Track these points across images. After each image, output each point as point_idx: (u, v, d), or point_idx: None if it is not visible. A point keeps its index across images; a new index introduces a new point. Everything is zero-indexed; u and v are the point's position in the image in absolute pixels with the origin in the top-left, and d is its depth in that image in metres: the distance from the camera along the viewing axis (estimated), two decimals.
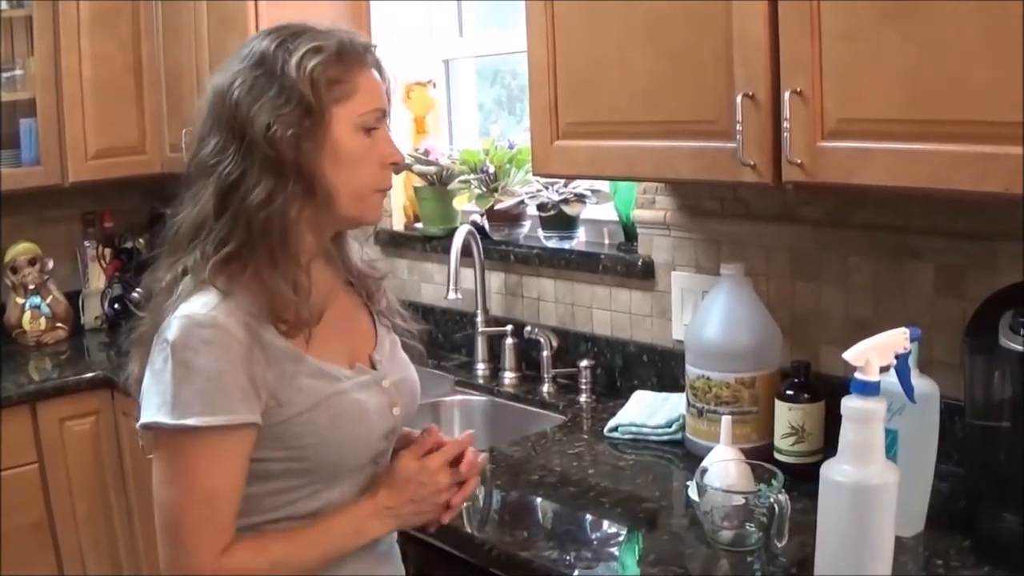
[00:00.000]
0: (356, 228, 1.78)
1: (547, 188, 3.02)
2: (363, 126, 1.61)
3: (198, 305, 1.52)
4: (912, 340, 1.66)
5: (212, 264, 1.55)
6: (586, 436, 2.56)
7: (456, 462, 1.71)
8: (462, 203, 3.25)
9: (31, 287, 4.02)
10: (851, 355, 1.60)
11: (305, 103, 1.53)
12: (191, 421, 1.48)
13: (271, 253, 1.56)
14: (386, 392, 1.72)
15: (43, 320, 4.04)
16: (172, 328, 1.51)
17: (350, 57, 1.60)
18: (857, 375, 1.59)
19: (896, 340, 1.64)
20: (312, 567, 1.61)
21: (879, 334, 1.64)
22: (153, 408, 1.51)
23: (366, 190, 1.64)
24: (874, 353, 1.60)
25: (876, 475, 1.59)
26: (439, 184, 3.33)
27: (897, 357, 1.64)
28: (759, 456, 2.09)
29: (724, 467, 1.95)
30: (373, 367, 1.74)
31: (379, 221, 1.73)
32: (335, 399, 1.62)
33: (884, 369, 1.61)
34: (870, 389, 1.58)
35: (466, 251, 3.05)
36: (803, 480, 1.97)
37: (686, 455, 2.36)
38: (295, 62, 1.54)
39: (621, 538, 2.05)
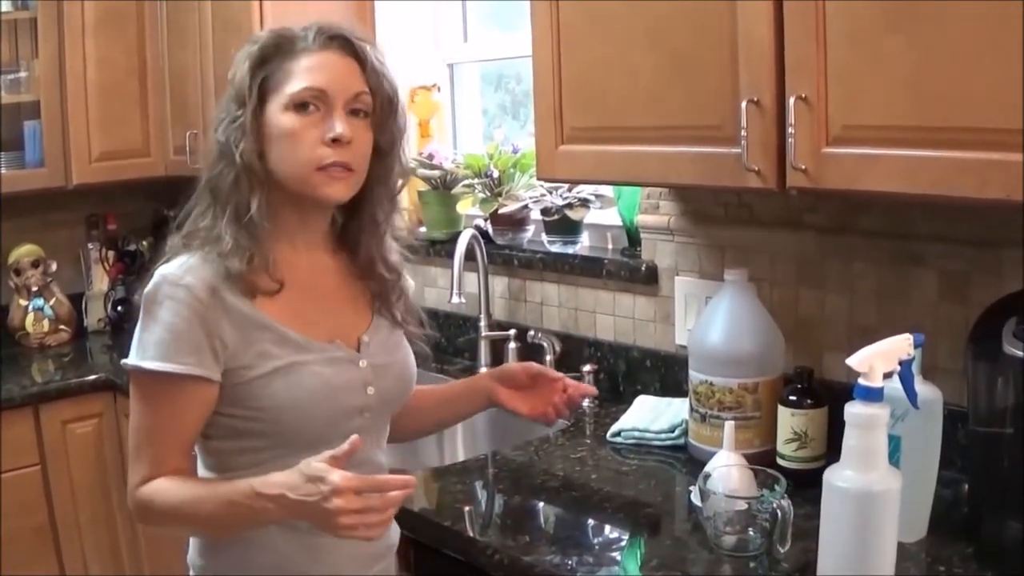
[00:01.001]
0: (317, 206, 1.80)
1: (551, 193, 3.02)
2: (293, 103, 1.70)
3: (174, 266, 1.70)
4: (916, 346, 1.66)
5: (188, 232, 1.75)
6: (589, 441, 2.56)
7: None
8: (466, 207, 3.25)
9: (34, 289, 4.03)
10: (855, 361, 1.60)
11: (239, 95, 1.72)
12: (146, 364, 1.66)
13: (236, 226, 1.70)
14: (360, 371, 1.81)
15: (46, 322, 4.05)
16: (148, 283, 1.69)
17: (287, 47, 1.74)
18: (861, 381, 1.59)
19: (900, 346, 1.64)
20: (203, 530, 1.77)
21: (883, 340, 1.64)
22: (130, 350, 1.70)
23: (304, 168, 1.71)
24: (878, 359, 1.60)
25: (879, 481, 1.58)
26: (443, 188, 3.34)
27: (901, 363, 1.64)
28: (762, 462, 2.08)
29: (727, 472, 1.95)
30: (358, 349, 1.82)
31: (337, 198, 1.76)
32: (296, 367, 1.72)
33: (888, 375, 1.61)
34: (874, 395, 1.57)
35: (470, 255, 3.05)
36: (806, 486, 1.96)
37: (689, 460, 2.36)
38: (235, 64, 1.75)
39: (623, 543, 2.04)
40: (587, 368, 2.85)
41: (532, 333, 3.01)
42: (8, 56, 3.88)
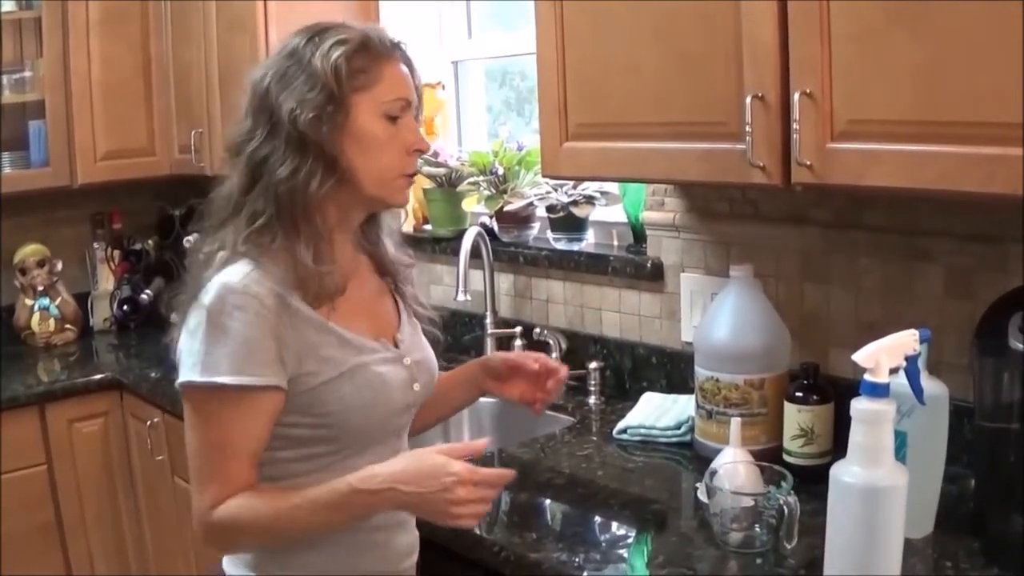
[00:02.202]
0: (384, 210, 1.88)
1: (556, 190, 3.01)
2: (386, 113, 1.73)
3: (233, 274, 1.64)
4: (921, 341, 1.66)
5: (244, 236, 1.68)
6: (595, 438, 2.56)
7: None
8: (471, 205, 3.25)
9: (40, 288, 4.03)
10: (861, 356, 1.60)
11: (328, 90, 1.66)
12: (219, 379, 1.61)
13: (295, 224, 1.68)
14: (407, 369, 1.84)
15: (52, 321, 4.05)
16: (209, 294, 1.63)
17: (375, 49, 1.73)
18: (867, 376, 1.59)
19: (906, 342, 1.63)
20: (308, 532, 1.69)
21: (889, 336, 1.64)
22: (187, 367, 1.64)
23: (389, 174, 1.75)
24: (884, 354, 1.59)
25: (885, 477, 1.58)
26: (448, 186, 3.33)
27: (907, 359, 1.64)
28: (768, 458, 2.08)
29: (733, 469, 1.95)
30: (396, 345, 1.85)
31: (404, 204, 1.85)
32: (359, 370, 1.73)
33: (894, 371, 1.61)
34: (879, 391, 1.57)
35: (475, 253, 3.05)
36: (812, 482, 1.96)
37: (695, 457, 2.36)
38: (321, 53, 1.67)
39: (630, 540, 2.04)
40: (593, 365, 2.85)
41: (538, 330, 3.01)
42: (12, 55, 3.88)
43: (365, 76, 1.70)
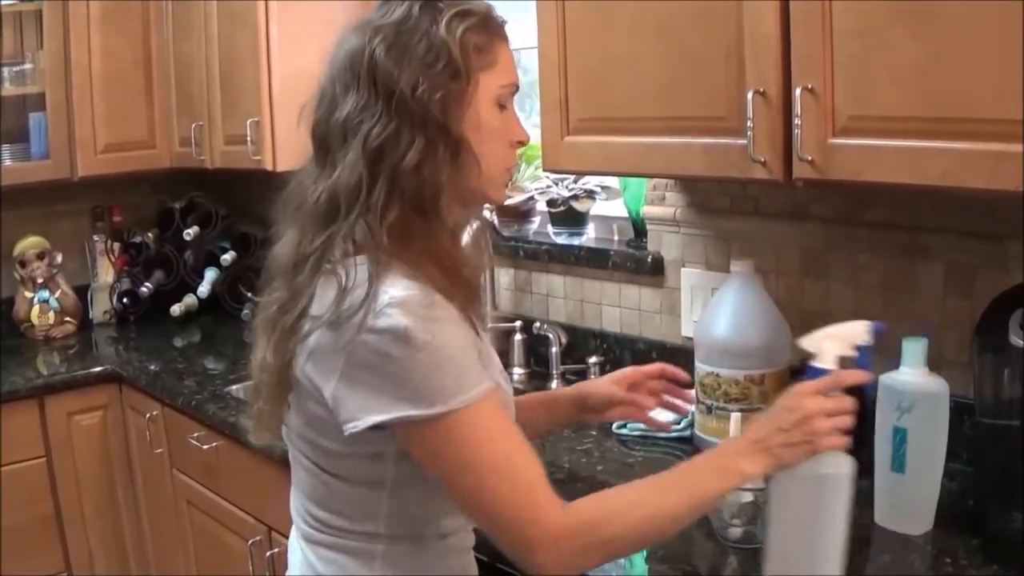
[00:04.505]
0: (480, 207, 1.71)
1: (557, 184, 3.02)
2: (499, 101, 1.55)
3: (400, 288, 1.41)
4: (875, 335, 1.60)
5: (388, 240, 1.43)
6: (595, 433, 2.55)
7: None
8: None
9: (39, 281, 4.03)
10: (806, 341, 1.59)
11: (454, 65, 1.46)
12: (476, 392, 1.41)
13: (428, 222, 1.47)
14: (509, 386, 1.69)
15: (51, 314, 4.05)
16: (391, 317, 1.38)
17: (493, 26, 1.55)
18: (812, 363, 1.58)
19: (855, 331, 1.60)
20: (675, 510, 1.49)
21: (837, 324, 1.62)
22: (396, 402, 1.40)
23: (496, 168, 1.56)
24: (829, 341, 1.58)
25: (829, 464, 1.52)
26: None
27: (859, 349, 1.61)
28: None
29: None
30: None
31: (504, 203, 1.68)
32: (499, 386, 1.55)
33: (847, 361, 1.58)
34: (823, 376, 1.56)
35: None
36: None
37: (695, 452, 2.35)
38: (445, 23, 1.46)
39: None
40: (593, 360, 2.85)
41: (538, 324, 3.01)
42: (13, 48, 3.88)
43: (486, 56, 1.51)
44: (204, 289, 4.14)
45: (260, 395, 1.58)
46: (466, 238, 1.69)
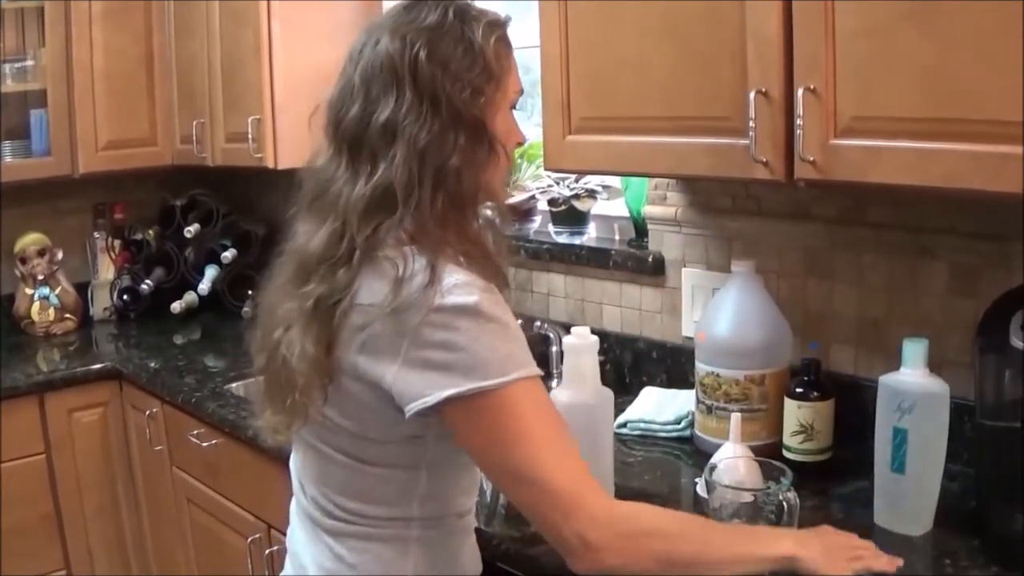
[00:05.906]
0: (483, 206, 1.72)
1: (558, 183, 3.01)
2: (511, 105, 1.66)
3: (460, 273, 1.50)
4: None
5: (436, 232, 1.52)
6: None
7: None
8: None
9: (40, 278, 4.03)
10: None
11: (490, 70, 1.57)
12: (531, 369, 1.51)
13: (465, 217, 1.58)
14: None
15: (52, 311, 4.05)
16: (459, 295, 1.46)
17: (507, 36, 1.65)
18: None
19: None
20: (716, 553, 1.52)
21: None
22: (465, 375, 1.47)
23: (506, 170, 1.67)
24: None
25: (591, 396, 1.91)
26: None
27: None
28: (768, 454, 2.08)
29: (733, 464, 1.94)
30: None
31: (506, 201, 1.78)
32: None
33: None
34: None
35: None
36: (812, 478, 1.96)
37: (695, 452, 2.36)
38: (481, 30, 1.57)
39: None
40: None
41: (538, 324, 3.01)
42: (15, 44, 3.88)
43: (507, 63, 1.62)
44: (205, 286, 4.13)
45: (294, 388, 1.57)
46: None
